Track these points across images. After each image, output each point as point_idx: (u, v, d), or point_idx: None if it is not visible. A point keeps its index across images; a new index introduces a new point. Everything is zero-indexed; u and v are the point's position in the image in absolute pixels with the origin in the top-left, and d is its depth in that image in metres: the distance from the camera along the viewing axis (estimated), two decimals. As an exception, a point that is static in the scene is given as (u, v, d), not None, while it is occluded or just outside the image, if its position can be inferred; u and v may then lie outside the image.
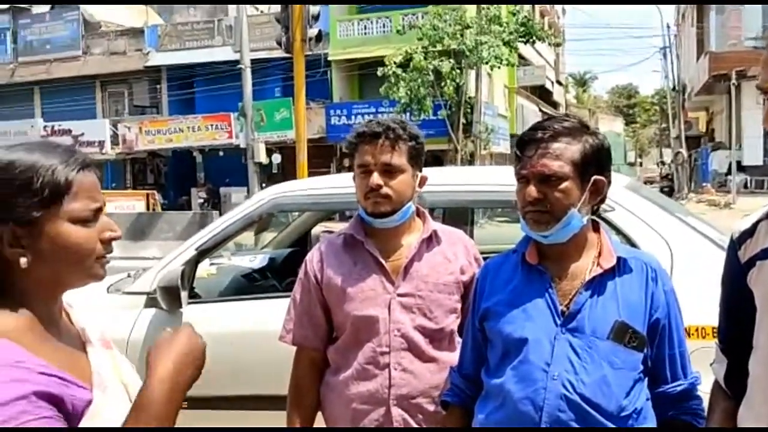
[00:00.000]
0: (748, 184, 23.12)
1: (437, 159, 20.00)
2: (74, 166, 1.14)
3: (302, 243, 4.57)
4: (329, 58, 22.77)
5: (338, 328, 2.01)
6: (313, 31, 11.33)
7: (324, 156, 21.74)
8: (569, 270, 1.62)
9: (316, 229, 4.76)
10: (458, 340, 1.97)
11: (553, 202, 1.56)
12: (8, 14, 27.72)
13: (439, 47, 19.10)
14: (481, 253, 2.13)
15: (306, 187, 3.43)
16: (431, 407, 1.91)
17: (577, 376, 1.54)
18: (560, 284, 1.61)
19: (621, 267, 1.61)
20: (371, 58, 21.24)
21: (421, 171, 2.00)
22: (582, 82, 59.32)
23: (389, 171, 1.91)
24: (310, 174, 13.65)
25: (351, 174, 3.57)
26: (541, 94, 34.44)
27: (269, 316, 3.06)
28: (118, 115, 27.08)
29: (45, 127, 25.73)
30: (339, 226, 5.56)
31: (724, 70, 22.33)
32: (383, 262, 1.95)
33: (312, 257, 2.05)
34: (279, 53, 20.59)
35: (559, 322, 1.58)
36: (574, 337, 1.56)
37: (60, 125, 25.32)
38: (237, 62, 15.23)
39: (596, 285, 1.59)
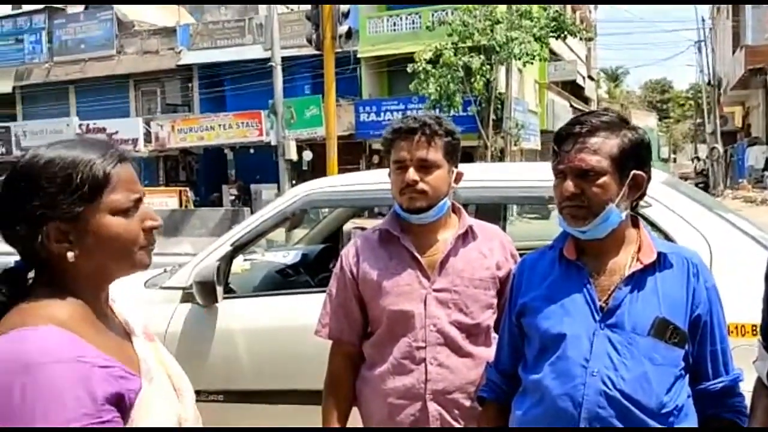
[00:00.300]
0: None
1: (467, 155, 19.90)
2: (112, 160, 1.17)
3: (334, 239, 4.59)
4: (358, 55, 22.80)
5: (373, 323, 2.02)
6: (343, 29, 11.35)
7: (353, 153, 21.80)
8: (608, 266, 1.60)
9: (347, 226, 4.77)
10: (494, 336, 1.97)
11: (590, 197, 1.55)
12: (43, 14, 28.23)
13: (469, 43, 19.00)
14: None
15: (338, 183, 3.45)
16: (467, 402, 1.92)
17: (617, 373, 1.52)
18: (598, 280, 1.60)
19: (661, 262, 1.59)
20: (400, 55, 21.21)
21: (456, 167, 2.00)
22: (614, 77, 58.54)
23: (425, 167, 1.91)
24: (340, 171, 13.70)
25: (383, 170, 3.60)
26: (573, 89, 34.07)
27: (303, 311, 3.08)
28: (150, 113, 27.42)
29: (80, 125, 26.16)
30: (369, 223, 5.57)
31: (761, 64, 21.87)
32: (419, 257, 1.95)
33: (348, 252, 2.06)
34: (308, 51, 20.68)
35: (597, 318, 1.57)
36: (613, 333, 1.55)
37: (94, 124, 25.73)
38: (267, 60, 15.33)
39: (636, 280, 1.57)
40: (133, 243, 1.18)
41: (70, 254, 1.13)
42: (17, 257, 1.18)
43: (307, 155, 21.37)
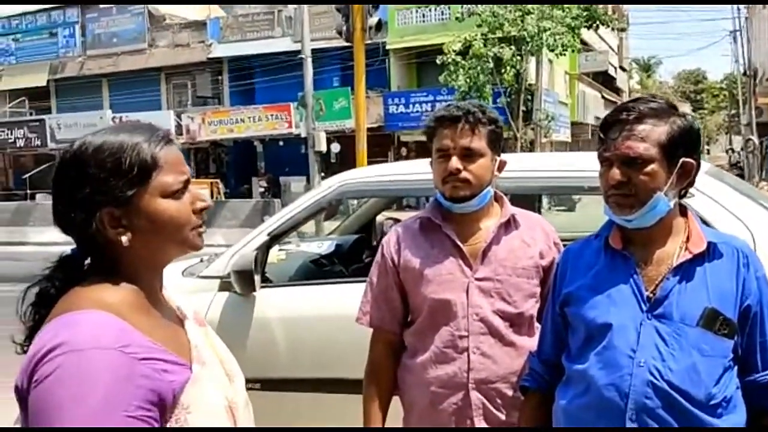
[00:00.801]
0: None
1: (496, 147, 19.77)
2: (158, 142, 1.18)
3: (366, 230, 4.61)
4: (387, 47, 22.76)
5: (414, 311, 2.02)
6: (373, 20, 11.32)
7: (382, 145, 21.80)
8: (655, 255, 1.58)
9: (380, 217, 4.78)
10: (537, 325, 1.96)
11: (637, 185, 1.53)
12: (76, 8, 28.65)
13: (499, 34, 18.83)
14: None
15: (374, 174, 3.45)
16: (510, 392, 1.91)
17: (665, 363, 1.50)
18: (645, 270, 1.58)
19: (711, 252, 1.56)
20: (429, 46, 21.12)
21: (499, 155, 1.99)
22: (646, 68, 57.65)
23: (469, 155, 1.91)
24: (369, 163, 13.71)
25: (417, 161, 3.60)
26: (604, 80, 33.62)
27: (340, 300, 3.11)
28: (181, 106, 27.71)
29: (113, 118, 26.47)
30: (400, 215, 5.54)
31: (800, 53, 21.30)
32: (461, 245, 1.95)
33: (389, 240, 2.06)
34: (337, 43, 20.70)
35: (645, 308, 1.55)
36: (661, 323, 1.53)
37: (127, 116, 25.97)
38: (296, 52, 15.37)
39: (685, 270, 1.55)
40: (185, 224, 1.19)
41: (124, 238, 1.14)
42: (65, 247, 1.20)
43: (335, 147, 21.42)
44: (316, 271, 3.88)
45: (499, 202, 2.03)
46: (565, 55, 20.36)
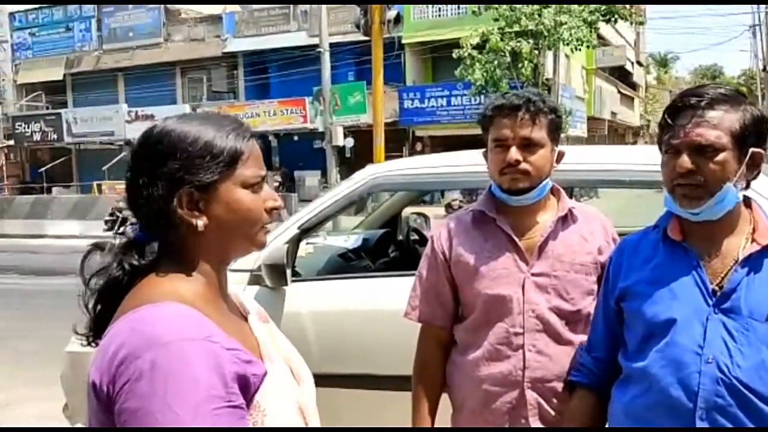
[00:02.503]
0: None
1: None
2: (246, 134, 1.16)
3: (392, 225, 4.56)
4: (403, 41, 22.66)
5: (466, 307, 1.96)
6: (391, 14, 11.30)
7: (396, 140, 21.73)
8: (719, 247, 1.51)
9: (406, 212, 4.73)
10: None
11: (707, 175, 1.45)
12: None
13: (516, 28, 18.70)
14: None
15: (405, 167, 3.40)
16: (566, 392, 1.84)
17: (732, 360, 1.43)
18: (709, 262, 1.51)
19: None
20: (445, 41, 21.02)
21: (558, 145, 1.92)
22: (663, 63, 57.13)
23: (528, 145, 1.83)
24: (386, 158, 13.64)
25: (449, 153, 3.54)
26: (620, 75, 33.35)
27: (371, 295, 3.08)
28: (196, 100, 27.75)
29: (129, 112, 26.64)
30: (425, 210, 5.47)
31: (821, 48, 21.02)
32: (516, 240, 1.88)
33: (440, 234, 2.00)
34: (352, 37, 20.68)
35: (711, 302, 1.48)
36: (728, 318, 1.46)
37: (143, 111, 26.17)
38: (311, 47, 15.37)
39: (753, 263, 1.47)
40: (258, 220, 1.16)
41: (200, 222, 1.10)
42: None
43: (350, 142, 21.38)
44: (344, 265, 3.84)
45: (555, 194, 1.96)
46: (581, 49, 20.18)
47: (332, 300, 3.11)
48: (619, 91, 32.42)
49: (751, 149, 1.48)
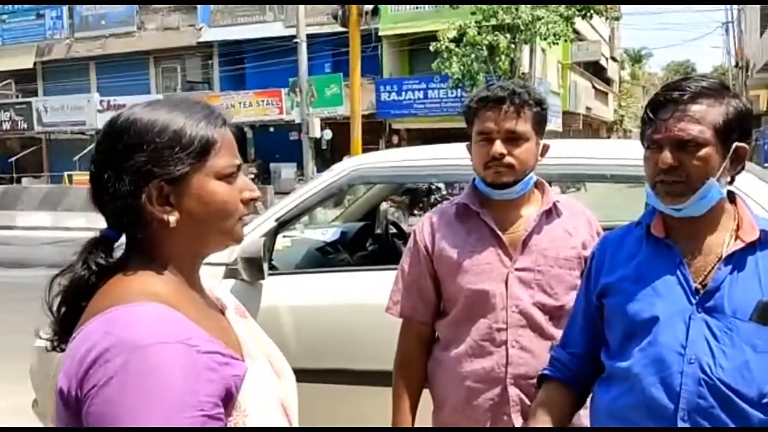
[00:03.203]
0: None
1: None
2: (217, 122, 1.10)
3: (370, 218, 4.53)
4: (380, 33, 22.58)
5: (448, 302, 1.93)
6: (369, 5, 11.21)
7: (373, 132, 21.67)
8: (702, 244, 1.49)
9: (383, 204, 4.71)
10: None
11: (690, 170, 1.43)
12: (64, -10, 28.25)
13: (493, 21, 18.73)
14: None
15: (387, 159, 3.38)
16: None
17: (715, 360, 1.41)
18: (692, 260, 1.49)
19: (762, 240, 1.47)
20: (422, 33, 20.99)
21: (542, 138, 1.89)
22: (637, 59, 57.67)
23: (513, 139, 1.80)
24: (363, 150, 13.59)
25: (433, 146, 3.52)
26: (595, 70, 33.61)
27: (348, 289, 3.05)
28: (170, 90, 27.40)
29: (101, 101, 26.23)
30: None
31: (791, 46, 21.35)
32: (500, 234, 1.86)
33: (422, 227, 1.97)
34: (329, 29, 20.52)
35: (694, 301, 1.45)
36: (711, 317, 1.44)
37: (115, 100, 25.77)
38: (288, 38, 15.22)
39: (736, 260, 1.45)
40: (234, 212, 1.10)
41: (171, 218, 1.04)
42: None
43: (327, 134, 21.26)
44: (322, 259, 3.81)
45: (540, 188, 1.94)
46: (558, 44, 20.30)
47: (310, 294, 3.07)
48: (594, 86, 32.67)
49: (735, 144, 1.45)
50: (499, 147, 1.79)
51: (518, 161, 1.81)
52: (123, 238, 1.10)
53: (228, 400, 0.98)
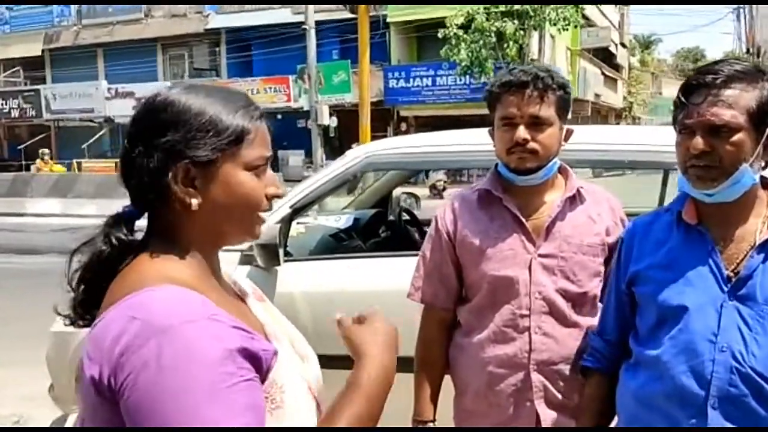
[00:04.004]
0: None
1: (496, 123, 19.63)
2: (255, 113, 1.09)
3: (383, 205, 4.52)
4: (388, 20, 22.46)
5: (471, 288, 1.91)
6: (378, -9, 11.13)
7: (381, 119, 21.61)
8: (735, 232, 1.47)
9: (396, 192, 4.69)
10: (600, 306, 1.86)
11: (723, 155, 1.40)
12: (72, -23, 28.20)
13: (501, 8, 18.60)
14: None
15: (400, 145, 3.34)
16: (572, 374, 1.82)
17: (747, 348, 1.40)
18: (724, 247, 1.47)
19: None
20: (430, 20, 20.87)
21: (565, 123, 1.86)
22: (646, 45, 57.22)
23: (537, 124, 1.77)
24: (371, 138, 13.54)
25: (446, 132, 3.49)
26: (604, 57, 33.34)
27: (365, 275, 3.04)
28: (178, 77, 27.37)
29: (109, 89, 26.23)
30: (410, 190, 5.44)
31: (803, 31, 21.11)
32: (523, 220, 1.83)
33: (444, 214, 1.95)
34: (336, 15, 20.41)
35: (725, 288, 1.44)
36: (743, 305, 1.42)
37: (123, 87, 25.78)
38: (295, 24, 15.15)
39: None
40: (257, 206, 1.08)
41: (194, 201, 1.03)
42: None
43: (333, 121, 21.24)
44: (336, 245, 3.79)
45: (563, 174, 1.91)
46: (567, 29, 20.16)
47: (325, 280, 3.07)
48: (603, 73, 32.42)
49: None
50: (522, 132, 1.77)
51: (542, 146, 1.78)
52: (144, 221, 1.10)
53: (261, 373, 0.97)
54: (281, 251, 2.94)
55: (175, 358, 0.89)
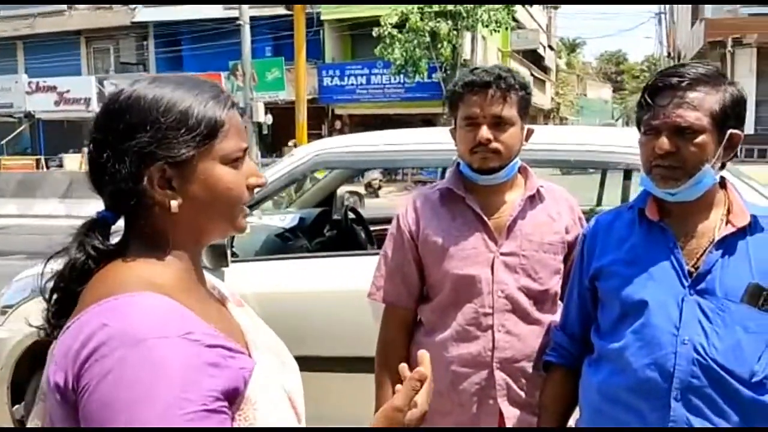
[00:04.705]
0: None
1: (429, 123, 19.82)
2: (225, 103, 1.03)
3: (327, 204, 4.48)
4: (322, 17, 22.35)
5: (433, 287, 1.91)
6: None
7: (316, 117, 21.45)
8: (694, 228, 1.52)
9: (341, 190, 4.66)
10: (559, 303, 1.89)
11: (686, 156, 1.45)
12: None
13: (435, 8, 18.79)
14: None
15: (350, 143, 3.33)
16: (534, 371, 1.84)
17: (708, 341, 1.44)
18: (685, 243, 1.51)
19: (752, 225, 1.50)
20: (364, 18, 20.88)
21: (526, 123, 1.88)
22: (572, 48, 58.95)
23: (499, 123, 1.79)
24: (307, 136, 13.45)
25: (401, 131, 3.48)
26: (533, 58, 34.17)
27: (312, 275, 3.02)
28: (102, 72, 26.49)
29: (29, 83, 25.12)
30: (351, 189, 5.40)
31: (720, 37, 22.19)
32: (486, 219, 1.85)
33: (405, 212, 1.94)
34: (270, 11, 20.18)
35: (686, 283, 1.48)
36: (703, 299, 1.47)
37: (45, 81, 24.74)
38: (227, 20, 14.87)
39: (728, 244, 1.49)
40: (239, 199, 1.04)
41: (174, 203, 0.98)
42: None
43: (269, 119, 20.95)
44: (282, 245, 3.74)
45: (523, 173, 1.94)
46: (498, 31, 20.55)
47: (272, 281, 3.03)
48: (532, 74, 33.20)
49: (730, 131, 1.48)
50: (485, 132, 1.78)
51: (504, 146, 1.80)
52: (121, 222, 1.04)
53: (235, 394, 0.93)
54: (229, 252, 2.88)
55: (138, 373, 0.84)
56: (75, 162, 20.74)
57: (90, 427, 0.86)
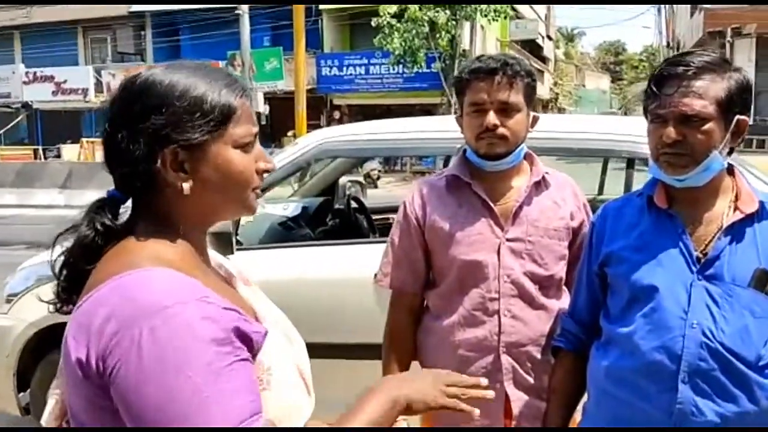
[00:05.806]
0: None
1: (427, 113, 19.81)
2: (238, 89, 1.06)
3: (329, 193, 4.49)
4: (320, 7, 22.27)
5: (440, 273, 1.93)
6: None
7: (314, 107, 21.41)
8: (703, 214, 1.53)
9: (342, 179, 4.67)
10: (564, 288, 1.91)
11: (693, 144, 1.47)
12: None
13: (434, -3, 18.74)
14: None
15: (356, 132, 3.34)
16: (540, 356, 1.87)
17: (717, 325, 1.47)
18: (693, 229, 1.53)
19: (760, 212, 1.52)
20: (363, 8, 20.81)
21: (532, 109, 1.90)
22: (570, 38, 58.83)
23: (506, 110, 1.81)
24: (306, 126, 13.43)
25: (404, 119, 3.49)
26: (531, 48, 34.10)
27: (317, 263, 3.04)
28: (100, 62, 26.40)
29: (26, 73, 25.04)
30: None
31: (719, 27, 22.17)
32: (492, 205, 1.86)
33: (412, 200, 1.96)
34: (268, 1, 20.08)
35: (695, 269, 1.50)
36: (711, 284, 1.49)
37: (42, 71, 24.66)
38: (225, 9, 14.80)
39: (735, 231, 1.50)
40: (249, 182, 1.07)
41: (186, 185, 1.01)
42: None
43: (266, 109, 20.90)
44: (285, 233, 3.76)
45: (528, 160, 1.95)
46: (497, 20, 20.49)
47: (276, 269, 3.04)
48: (531, 65, 33.15)
49: (737, 117, 1.50)
50: (492, 118, 1.79)
51: (511, 132, 1.81)
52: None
53: (251, 353, 0.97)
54: (234, 240, 2.90)
55: (171, 339, 0.88)
56: (73, 152, 20.70)
57: (130, 399, 0.88)
